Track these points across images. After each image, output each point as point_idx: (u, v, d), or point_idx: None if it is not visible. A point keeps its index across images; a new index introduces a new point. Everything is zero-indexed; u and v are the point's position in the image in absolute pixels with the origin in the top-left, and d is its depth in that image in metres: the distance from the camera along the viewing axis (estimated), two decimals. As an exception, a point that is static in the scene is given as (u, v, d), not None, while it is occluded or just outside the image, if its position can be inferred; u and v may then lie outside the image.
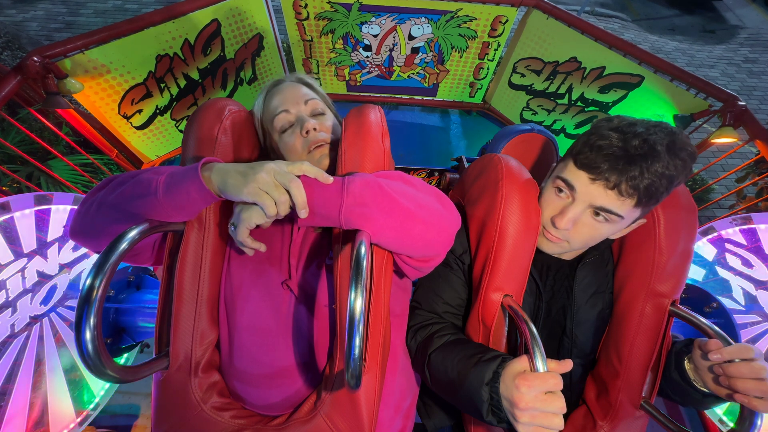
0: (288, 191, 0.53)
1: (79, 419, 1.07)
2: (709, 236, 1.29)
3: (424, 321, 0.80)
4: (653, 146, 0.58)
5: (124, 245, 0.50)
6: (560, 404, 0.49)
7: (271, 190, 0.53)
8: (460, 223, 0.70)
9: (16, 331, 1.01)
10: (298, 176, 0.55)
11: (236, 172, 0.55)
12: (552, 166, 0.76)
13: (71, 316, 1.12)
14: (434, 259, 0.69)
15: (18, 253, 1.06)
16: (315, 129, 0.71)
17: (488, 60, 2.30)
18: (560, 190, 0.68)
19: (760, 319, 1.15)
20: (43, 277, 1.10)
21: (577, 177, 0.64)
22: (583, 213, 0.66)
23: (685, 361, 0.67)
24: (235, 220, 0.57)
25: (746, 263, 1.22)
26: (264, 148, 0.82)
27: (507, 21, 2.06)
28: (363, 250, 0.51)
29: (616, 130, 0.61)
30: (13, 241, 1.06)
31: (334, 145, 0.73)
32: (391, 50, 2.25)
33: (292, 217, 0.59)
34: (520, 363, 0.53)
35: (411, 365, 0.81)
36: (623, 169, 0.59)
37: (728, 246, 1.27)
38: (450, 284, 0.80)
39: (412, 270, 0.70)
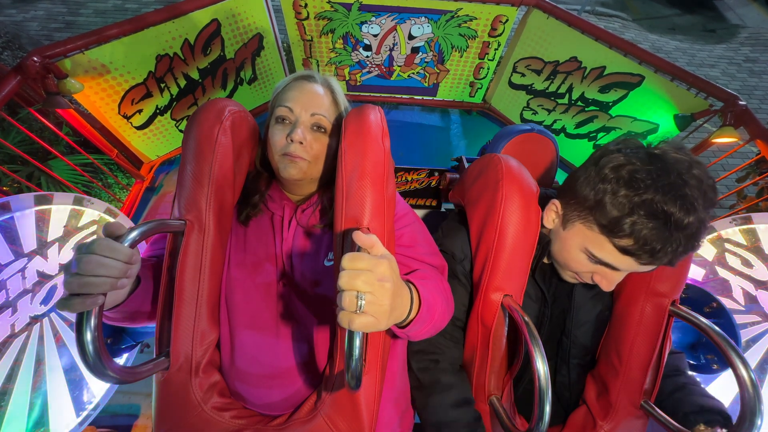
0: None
1: (79, 419, 1.07)
2: (709, 236, 1.29)
3: (427, 347, 0.78)
4: (702, 223, 0.56)
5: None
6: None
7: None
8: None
9: (16, 331, 1.01)
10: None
11: None
12: (558, 193, 0.72)
13: (71, 316, 1.12)
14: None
15: (18, 253, 1.06)
16: (301, 143, 0.68)
17: (488, 60, 2.29)
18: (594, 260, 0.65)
19: (760, 319, 1.15)
20: (43, 277, 1.10)
21: (624, 262, 0.61)
22: None
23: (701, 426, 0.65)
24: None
25: (746, 263, 1.22)
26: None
27: (507, 20, 2.06)
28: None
29: (655, 215, 0.55)
30: (13, 241, 1.06)
31: (313, 164, 0.71)
32: (391, 50, 2.24)
33: (284, 216, 0.59)
34: None
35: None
36: (674, 253, 0.57)
37: (728, 246, 1.26)
38: (457, 296, 0.78)
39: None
